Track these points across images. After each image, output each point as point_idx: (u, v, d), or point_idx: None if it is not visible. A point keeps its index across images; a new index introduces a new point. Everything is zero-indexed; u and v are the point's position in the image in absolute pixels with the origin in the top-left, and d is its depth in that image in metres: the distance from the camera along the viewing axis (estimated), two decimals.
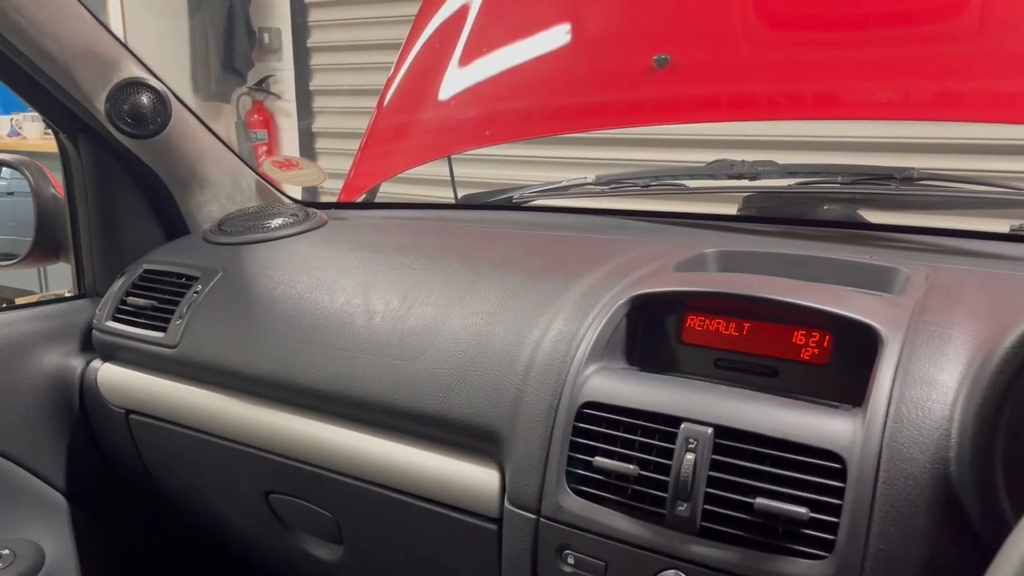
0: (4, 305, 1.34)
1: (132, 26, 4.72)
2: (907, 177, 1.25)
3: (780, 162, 1.39)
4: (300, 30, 4.89)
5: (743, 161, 1.38)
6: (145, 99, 1.26)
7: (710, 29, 1.47)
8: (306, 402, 1.06)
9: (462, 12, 1.69)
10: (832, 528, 0.70)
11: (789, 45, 1.41)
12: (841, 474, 0.71)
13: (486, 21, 1.67)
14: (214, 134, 1.41)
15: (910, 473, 0.69)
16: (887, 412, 0.72)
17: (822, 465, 0.72)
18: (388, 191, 1.85)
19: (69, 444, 1.31)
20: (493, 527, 0.92)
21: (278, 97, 5.02)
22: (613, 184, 1.48)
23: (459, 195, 1.75)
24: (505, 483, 0.89)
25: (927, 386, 0.72)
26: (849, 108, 1.42)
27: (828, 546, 0.70)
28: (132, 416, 1.25)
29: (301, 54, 4.92)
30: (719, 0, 1.49)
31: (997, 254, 1.06)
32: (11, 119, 4.88)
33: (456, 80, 1.67)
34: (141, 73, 1.27)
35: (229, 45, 4.91)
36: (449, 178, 1.78)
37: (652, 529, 0.78)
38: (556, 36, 1.62)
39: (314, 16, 4.88)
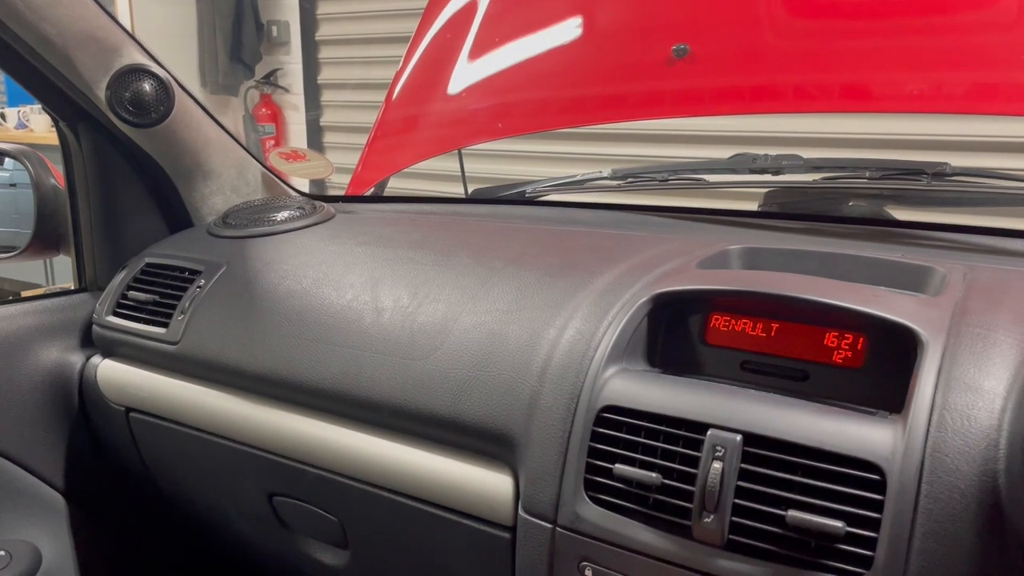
0: (2, 299, 1.31)
1: (139, 19, 4.70)
2: (939, 172, 1.20)
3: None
4: (309, 23, 4.87)
5: (766, 155, 1.33)
6: (147, 86, 1.22)
7: (732, 18, 1.43)
8: (312, 402, 1.03)
9: (474, 1, 1.65)
10: (870, 544, 0.66)
11: (816, 34, 1.36)
12: (880, 486, 0.67)
13: (499, 9, 1.63)
14: (219, 124, 1.37)
15: (955, 486, 0.65)
16: (929, 420, 0.67)
17: (860, 476, 0.68)
18: (396, 186, 1.81)
19: (68, 442, 1.27)
20: (506, 536, 0.88)
21: (286, 91, 4.99)
22: (630, 179, 1.44)
23: (469, 190, 1.71)
24: (519, 490, 0.85)
25: (972, 393, 0.68)
26: (879, 100, 1.37)
27: (866, 563, 0.66)
28: (132, 414, 1.22)
29: (309, 47, 4.89)
30: None
31: None
32: (18, 112, 4.88)
33: (468, 71, 1.63)
34: (143, 59, 1.24)
35: (237, 38, 4.89)
36: (459, 173, 1.74)
37: (676, 542, 0.74)
38: (571, 25, 1.58)
39: (323, 9, 4.85)
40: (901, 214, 1.26)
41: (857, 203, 1.28)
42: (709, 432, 0.74)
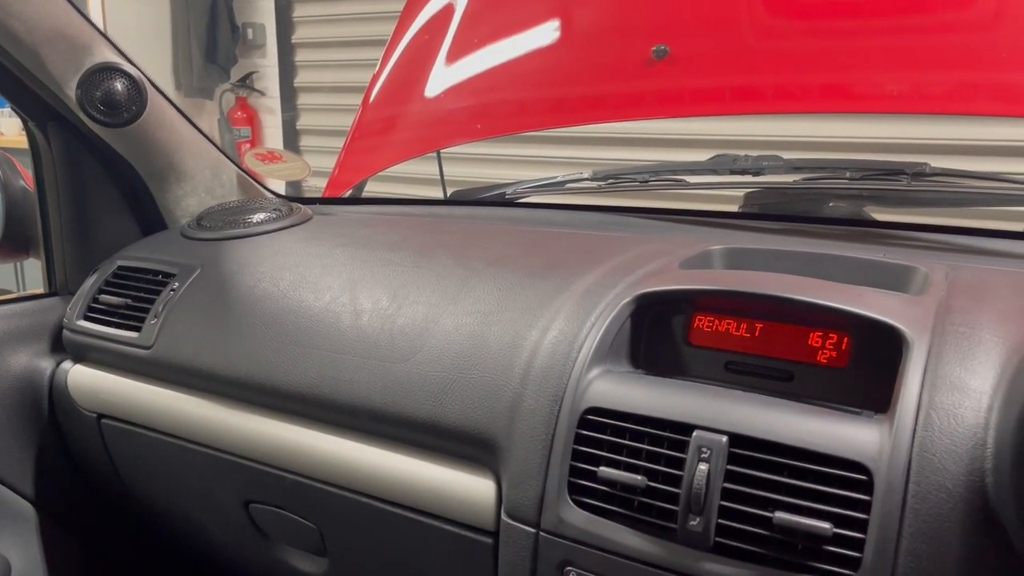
0: None
1: (112, 22, 4.64)
2: (919, 172, 1.21)
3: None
4: (285, 26, 4.83)
5: (746, 156, 1.33)
6: (119, 85, 1.20)
7: (711, 18, 1.42)
8: (289, 406, 1.01)
9: (453, 1, 1.64)
10: (858, 545, 0.66)
11: (795, 34, 1.36)
12: (867, 486, 0.66)
13: (478, 10, 1.62)
14: (193, 124, 1.35)
15: (942, 485, 0.64)
16: (916, 419, 0.67)
17: (847, 476, 0.67)
18: (372, 189, 1.79)
19: (37, 450, 1.24)
20: (489, 541, 0.86)
21: (262, 94, 4.94)
22: (610, 180, 1.43)
23: (448, 193, 1.69)
24: (502, 494, 0.84)
25: (958, 391, 0.67)
26: (858, 100, 1.38)
27: (853, 564, 0.66)
28: (104, 420, 1.19)
29: (286, 50, 4.85)
30: None
31: (1016, 253, 1.01)
32: None
33: (446, 72, 1.62)
34: (115, 58, 1.21)
35: (212, 40, 4.83)
36: (437, 176, 1.72)
37: (661, 545, 0.73)
38: (550, 26, 1.57)
39: (299, 12, 4.81)
40: (881, 214, 1.27)
41: (838, 204, 1.28)
42: (694, 433, 0.73)
